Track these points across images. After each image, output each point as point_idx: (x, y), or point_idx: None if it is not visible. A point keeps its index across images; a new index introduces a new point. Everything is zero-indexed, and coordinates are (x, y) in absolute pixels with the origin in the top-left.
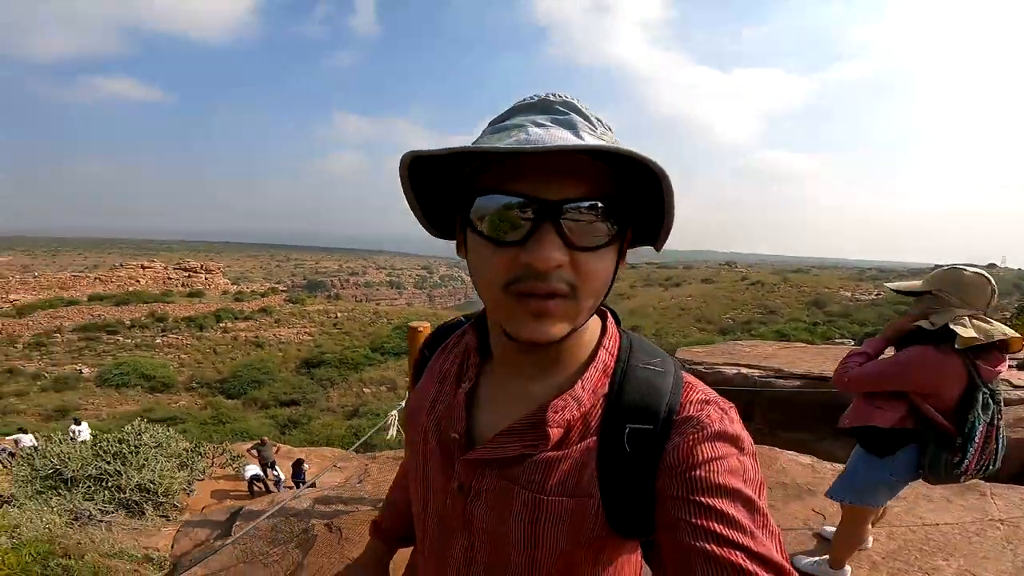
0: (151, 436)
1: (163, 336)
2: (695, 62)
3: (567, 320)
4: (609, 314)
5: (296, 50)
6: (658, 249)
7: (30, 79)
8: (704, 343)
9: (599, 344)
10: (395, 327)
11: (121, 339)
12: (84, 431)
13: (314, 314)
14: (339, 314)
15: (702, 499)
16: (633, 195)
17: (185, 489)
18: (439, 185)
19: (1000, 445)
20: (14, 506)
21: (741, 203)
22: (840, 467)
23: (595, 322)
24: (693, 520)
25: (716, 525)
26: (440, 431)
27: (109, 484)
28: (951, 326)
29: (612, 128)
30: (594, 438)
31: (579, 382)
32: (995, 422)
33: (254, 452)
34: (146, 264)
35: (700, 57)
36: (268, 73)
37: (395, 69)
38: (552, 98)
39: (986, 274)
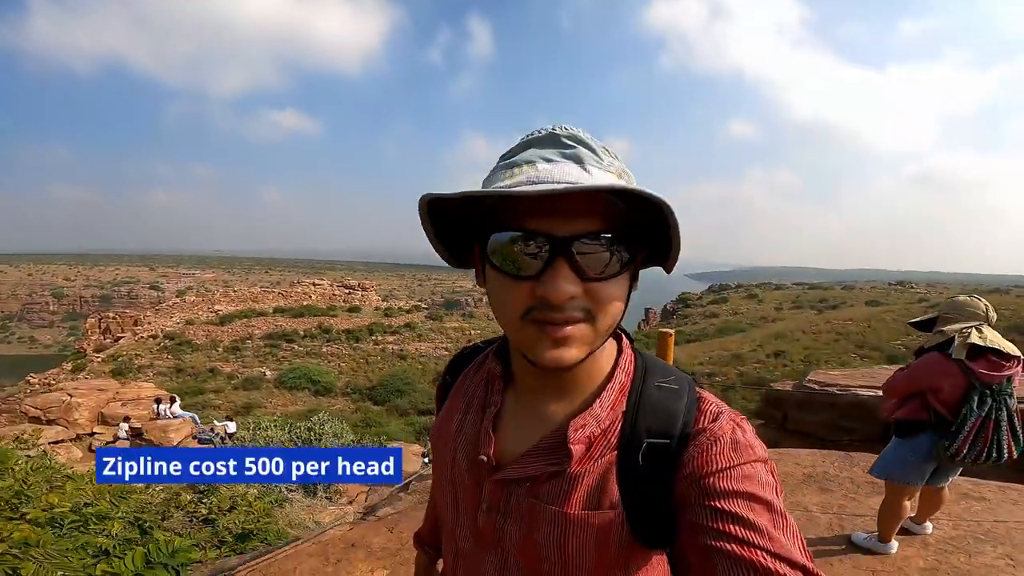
0: (331, 427)
1: (327, 346)
2: (840, 62)
3: (585, 344)
4: (624, 336)
5: (421, 77)
6: (668, 271)
7: (217, 112)
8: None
9: (616, 365)
10: None
11: (296, 347)
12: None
13: (450, 331)
14: (472, 331)
15: (720, 504)
16: (641, 221)
17: None
18: (457, 217)
19: (1000, 437)
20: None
21: (915, 216)
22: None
23: (610, 345)
24: (713, 524)
25: (735, 528)
26: (469, 454)
27: None
28: (956, 337)
29: (619, 156)
30: (614, 454)
31: (597, 401)
32: (993, 416)
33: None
34: (316, 282)
35: (846, 56)
36: (398, 100)
37: (513, 90)
38: (559, 131)
39: (978, 296)
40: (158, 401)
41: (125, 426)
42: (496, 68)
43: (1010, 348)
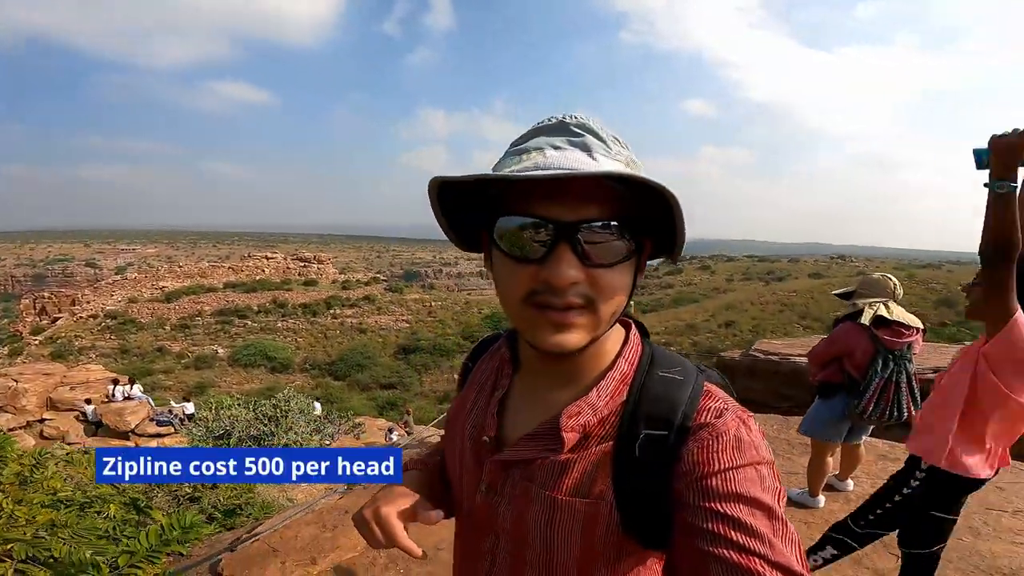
0: (296, 403)
1: (283, 321)
2: (795, 43)
3: (586, 330)
4: (634, 325)
5: (379, 50)
6: (675, 262)
7: (155, 85)
8: None
9: (619, 354)
10: (485, 316)
11: (249, 323)
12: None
13: (410, 303)
14: (433, 303)
15: (719, 506)
16: (648, 210)
17: None
18: (466, 201)
19: (900, 398)
20: None
21: (857, 193)
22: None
23: (618, 333)
24: (710, 527)
25: (734, 532)
26: (474, 435)
27: (264, 444)
28: (865, 309)
29: (629, 146)
30: (610, 443)
31: (595, 389)
32: (894, 379)
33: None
34: (269, 255)
35: (801, 38)
36: (356, 72)
37: (473, 64)
38: (568, 120)
39: (889, 276)
40: (115, 382)
41: (90, 408)
42: (455, 41)
43: (911, 320)
